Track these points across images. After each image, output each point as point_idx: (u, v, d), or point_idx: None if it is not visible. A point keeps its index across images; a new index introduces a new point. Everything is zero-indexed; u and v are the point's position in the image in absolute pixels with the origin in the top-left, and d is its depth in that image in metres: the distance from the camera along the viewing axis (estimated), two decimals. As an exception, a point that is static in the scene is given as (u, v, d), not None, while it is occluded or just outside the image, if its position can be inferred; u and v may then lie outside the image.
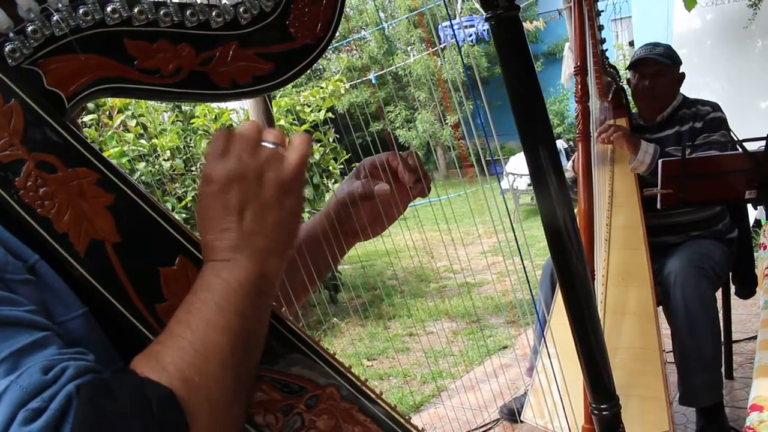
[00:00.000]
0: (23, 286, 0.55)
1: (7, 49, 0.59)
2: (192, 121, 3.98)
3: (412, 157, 0.87)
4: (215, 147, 0.60)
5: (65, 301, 0.58)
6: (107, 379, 0.52)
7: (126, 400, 0.50)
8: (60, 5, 0.61)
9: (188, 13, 0.63)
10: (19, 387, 0.48)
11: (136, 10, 0.62)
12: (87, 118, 3.58)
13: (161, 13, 0.63)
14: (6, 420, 0.47)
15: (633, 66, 2.46)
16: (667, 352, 2.25)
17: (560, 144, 8.49)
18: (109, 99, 3.60)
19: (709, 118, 2.35)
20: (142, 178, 3.53)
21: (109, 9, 0.61)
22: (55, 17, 0.60)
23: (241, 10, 0.65)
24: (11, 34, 0.60)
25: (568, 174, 2.43)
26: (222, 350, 0.56)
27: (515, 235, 1.17)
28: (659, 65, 2.38)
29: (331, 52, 10.96)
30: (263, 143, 0.61)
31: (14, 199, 0.58)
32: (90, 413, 0.48)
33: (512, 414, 2.52)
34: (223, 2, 0.65)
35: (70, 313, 0.58)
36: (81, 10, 0.61)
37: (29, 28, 0.60)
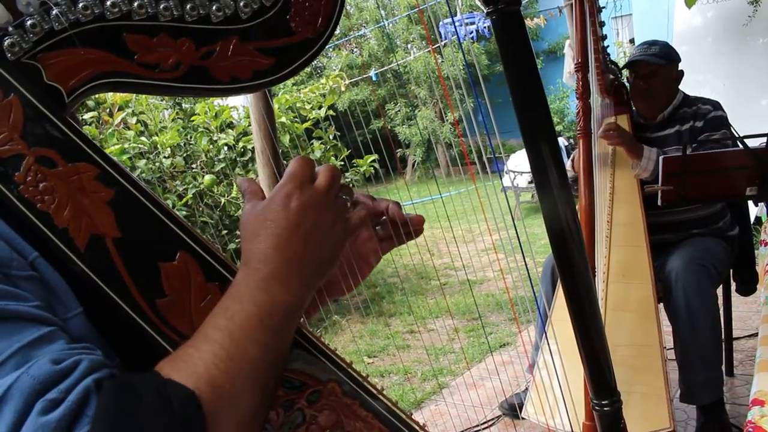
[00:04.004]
0: (28, 282, 0.55)
1: (6, 43, 0.59)
2: (192, 118, 3.97)
3: (393, 205, 0.81)
4: (304, 171, 0.63)
5: (63, 300, 0.58)
6: (129, 377, 0.53)
7: (148, 398, 0.50)
8: (59, -1, 0.60)
9: (188, 7, 0.63)
10: (30, 377, 0.48)
11: (135, 4, 0.62)
12: (87, 116, 3.58)
13: (161, 7, 0.62)
14: (21, 410, 0.47)
15: (628, 67, 2.46)
16: (668, 349, 2.25)
17: (561, 142, 8.48)
18: (109, 96, 3.59)
19: (710, 117, 2.33)
20: (143, 175, 3.53)
21: (108, 3, 0.61)
22: (55, 11, 0.60)
23: (241, 4, 0.64)
24: (10, 29, 0.59)
25: (568, 174, 2.42)
26: (257, 365, 0.57)
27: (517, 233, 1.17)
28: (654, 66, 2.36)
29: (330, 50, 10.95)
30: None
31: (14, 194, 0.58)
32: (113, 409, 0.49)
33: (513, 409, 2.52)
34: (223, -4, 0.64)
35: (69, 312, 0.58)
36: (80, 4, 0.61)
37: (28, 23, 0.59)
